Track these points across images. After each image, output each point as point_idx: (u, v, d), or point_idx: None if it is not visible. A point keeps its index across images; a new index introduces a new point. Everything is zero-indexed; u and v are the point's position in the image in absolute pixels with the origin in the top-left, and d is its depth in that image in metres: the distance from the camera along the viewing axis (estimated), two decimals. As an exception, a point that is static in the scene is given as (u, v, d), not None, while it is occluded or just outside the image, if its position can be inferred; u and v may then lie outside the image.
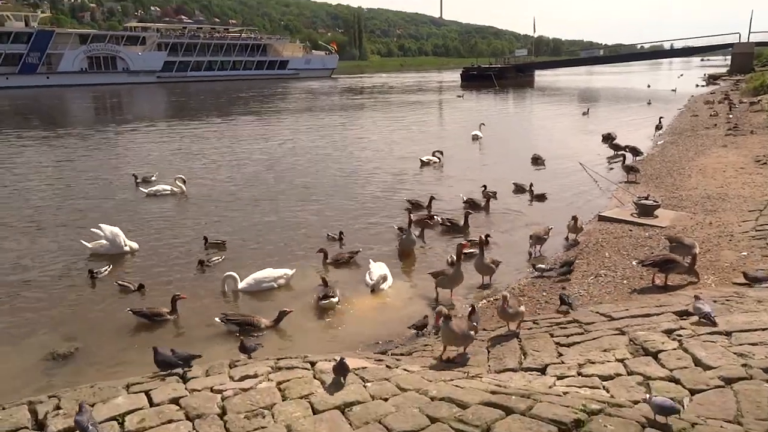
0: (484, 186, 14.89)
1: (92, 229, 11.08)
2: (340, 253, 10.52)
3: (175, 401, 5.01)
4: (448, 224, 12.06)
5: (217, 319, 7.75)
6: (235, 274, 9.15)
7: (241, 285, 9.11)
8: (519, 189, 15.08)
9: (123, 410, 4.89)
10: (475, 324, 6.95)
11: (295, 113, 40.96)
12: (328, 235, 11.57)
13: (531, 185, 14.81)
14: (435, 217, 12.54)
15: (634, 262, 8.61)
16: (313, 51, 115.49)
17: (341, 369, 5.17)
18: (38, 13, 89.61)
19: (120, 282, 9.25)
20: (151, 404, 5.00)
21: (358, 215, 13.54)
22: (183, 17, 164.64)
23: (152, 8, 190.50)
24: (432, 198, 13.70)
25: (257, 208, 14.26)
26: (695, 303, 6.08)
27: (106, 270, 9.82)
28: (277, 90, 69.79)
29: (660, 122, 25.73)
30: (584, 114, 34.58)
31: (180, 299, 8.15)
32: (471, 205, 13.42)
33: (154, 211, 14.20)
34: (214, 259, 10.21)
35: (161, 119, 37.72)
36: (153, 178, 16.86)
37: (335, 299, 8.43)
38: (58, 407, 5.03)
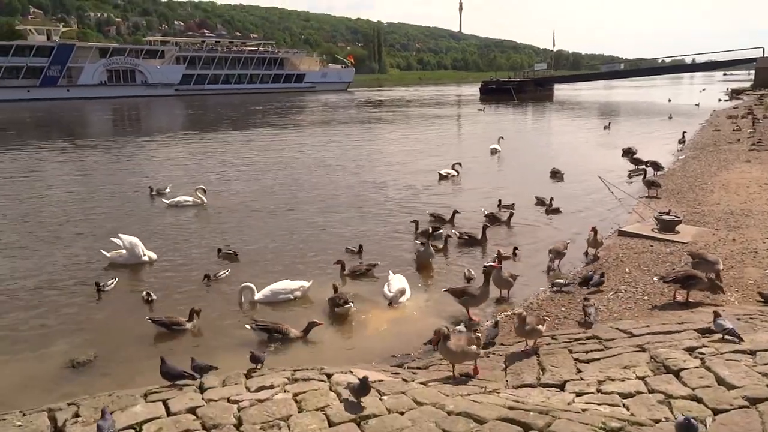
0: (500, 200, 14.88)
1: (111, 239, 11.24)
2: (357, 265, 10.55)
3: (192, 411, 5.03)
4: (466, 237, 12.02)
5: (247, 326, 7.80)
6: (252, 285, 9.19)
7: (257, 296, 9.15)
8: (540, 203, 14.97)
9: (141, 419, 4.92)
10: (489, 338, 6.89)
11: (312, 126, 41.30)
12: (347, 248, 11.57)
13: (551, 199, 14.73)
14: (442, 229, 12.56)
15: (655, 278, 8.49)
16: (329, 65, 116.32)
17: (362, 389, 4.96)
18: (60, 27, 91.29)
19: (146, 293, 9.30)
20: (169, 413, 5.03)
21: (376, 227, 13.54)
22: (206, 31, 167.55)
23: (176, 23, 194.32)
24: (455, 212, 13.70)
25: (275, 220, 14.35)
26: (716, 320, 5.97)
27: (112, 283, 9.79)
28: (294, 103, 70.40)
29: (683, 136, 25.45)
30: (605, 128, 34.44)
31: (196, 312, 8.22)
32: (491, 219, 13.39)
33: (173, 221, 14.36)
34: (220, 273, 10.17)
35: (179, 132, 38.17)
36: (167, 191, 17.04)
37: (352, 304, 8.50)
38: (77, 415, 5.08)
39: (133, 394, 5.38)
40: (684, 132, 26.26)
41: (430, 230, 12.40)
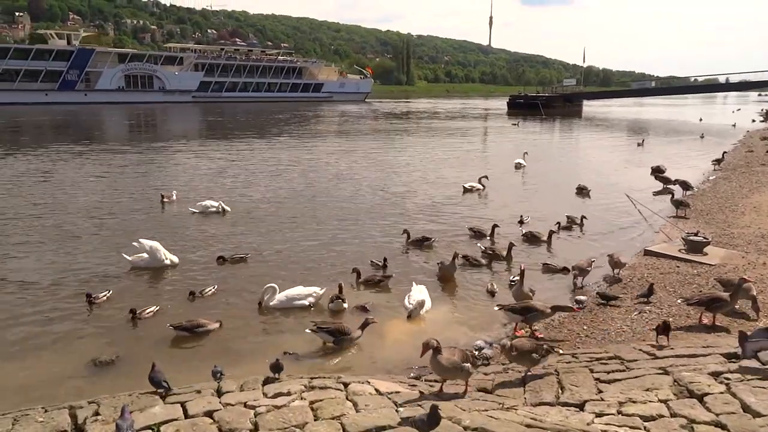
0: (522, 216, 14.78)
1: (133, 243, 11.32)
2: (373, 274, 10.62)
3: (209, 414, 5.07)
4: (490, 252, 11.90)
5: (308, 330, 7.86)
6: (275, 286, 9.28)
7: (272, 302, 9.22)
8: (571, 221, 14.56)
9: (159, 420, 4.97)
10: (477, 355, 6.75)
11: (335, 136, 41.36)
12: (372, 261, 11.48)
13: (582, 217, 14.48)
14: (432, 238, 12.83)
15: (678, 300, 8.32)
16: (348, 75, 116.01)
17: (433, 421, 4.53)
18: (80, 32, 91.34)
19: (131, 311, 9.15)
20: (186, 416, 5.08)
21: (399, 239, 13.45)
22: (237, 40, 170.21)
23: (209, 31, 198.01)
24: (495, 226, 13.53)
25: (294, 228, 14.36)
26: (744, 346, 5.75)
27: (104, 295, 9.44)
28: (314, 112, 70.51)
29: (723, 156, 24.81)
30: (639, 145, 34.39)
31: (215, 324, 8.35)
32: (530, 238, 13.17)
33: (192, 226, 14.47)
34: (207, 289, 9.78)
35: (196, 138, 38.15)
36: (173, 198, 16.89)
37: (345, 304, 9.05)
38: (97, 413, 5.16)
39: (153, 395, 5.45)
40: (724, 152, 25.58)
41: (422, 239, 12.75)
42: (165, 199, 16.89)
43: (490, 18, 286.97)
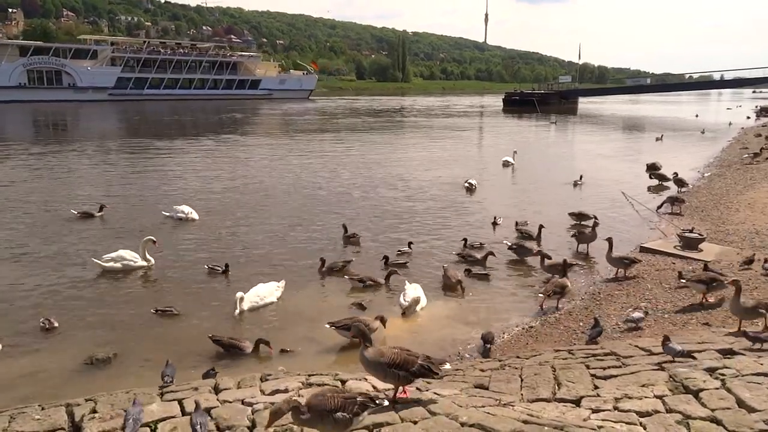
0: (496, 219, 14.65)
1: (104, 257, 10.96)
2: (334, 262, 10.92)
3: (206, 411, 5.06)
4: (514, 248, 11.69)
5: (326, 325, 7.88)
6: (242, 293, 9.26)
7: (246, 305, 9.12)
8: (579, 216, 14.49)
9: (156, 417, 4.96)
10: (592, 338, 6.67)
11: (272, 136, 39.29)
12: (399, 250, 11.76)
13: (594, 217, 14.10)
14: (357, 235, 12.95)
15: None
16: (290, 71, 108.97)
17: None
18: None
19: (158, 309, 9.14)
20: (183, 413, 5.07)
21: (407, 239, 13.19)
22: (233, 37, 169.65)
23: (204, 28, 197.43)
24: (541, 227, 13.26)
25: (292, 231, 14.38)
26: (668, 344, 5.74)
27: None
28: (250, 111, 65.49)
29: (761, 151, 24.00)
30: (657, 140, 34.94)
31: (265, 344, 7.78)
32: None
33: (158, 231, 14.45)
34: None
35: (112, 141, 34.74)
36: (96, 212, 15.15)
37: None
38: (94, 411, 5.14)
39: (150, 393, 5.44)
40: (762, 148, 24.79)
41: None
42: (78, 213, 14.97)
43: (486, 15, 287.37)
